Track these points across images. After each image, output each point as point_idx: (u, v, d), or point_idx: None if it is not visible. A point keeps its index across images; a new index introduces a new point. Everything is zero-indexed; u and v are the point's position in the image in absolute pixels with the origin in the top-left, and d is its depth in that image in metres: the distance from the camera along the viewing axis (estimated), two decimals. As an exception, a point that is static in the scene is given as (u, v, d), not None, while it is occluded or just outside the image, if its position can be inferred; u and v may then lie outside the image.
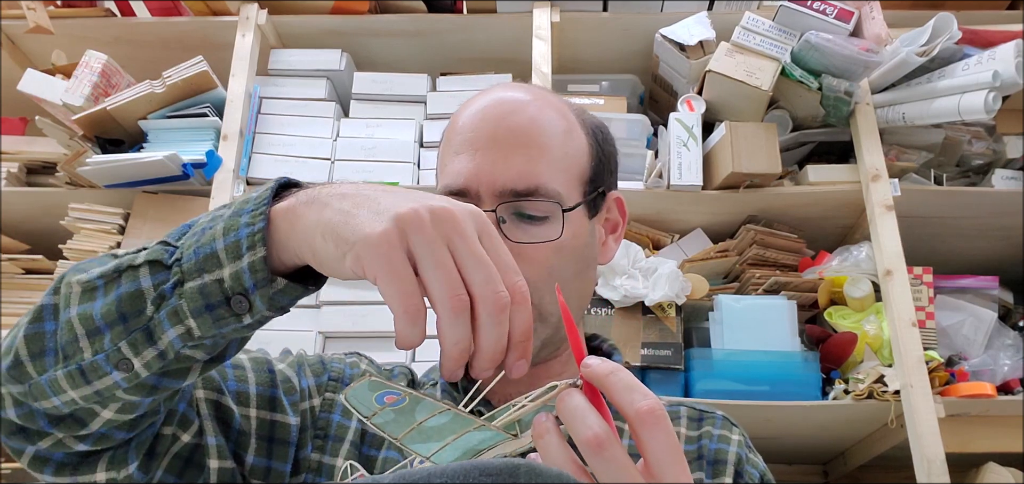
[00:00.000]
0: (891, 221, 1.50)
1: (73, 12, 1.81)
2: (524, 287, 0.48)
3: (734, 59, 1.56)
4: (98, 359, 0.53)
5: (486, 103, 0.73)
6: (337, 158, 1.65)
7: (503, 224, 0.68)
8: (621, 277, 1.48)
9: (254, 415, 0.69)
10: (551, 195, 0.68)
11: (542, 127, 0.70)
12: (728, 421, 0.76)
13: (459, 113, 0.75)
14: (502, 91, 0.74)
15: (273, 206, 0.52)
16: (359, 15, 1.77)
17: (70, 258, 1.56)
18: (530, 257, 0.67)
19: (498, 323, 0.46)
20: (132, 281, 0.53)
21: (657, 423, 0.45)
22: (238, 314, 0.51)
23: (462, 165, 0.69)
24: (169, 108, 1.65)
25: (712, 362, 1.45)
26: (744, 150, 1.52)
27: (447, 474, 0.43)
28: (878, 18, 1.55)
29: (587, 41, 1.80)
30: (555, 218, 0.69)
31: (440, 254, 0.46)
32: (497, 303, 0.46)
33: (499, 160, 0.68)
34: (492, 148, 0.69)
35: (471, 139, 0.70)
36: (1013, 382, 1.50)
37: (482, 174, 0.68)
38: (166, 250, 0.53)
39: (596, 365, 0.47)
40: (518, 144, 0.69)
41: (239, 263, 0.50)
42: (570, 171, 0.72)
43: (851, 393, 1.41)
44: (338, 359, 0.79)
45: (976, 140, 1.67)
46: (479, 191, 0.68)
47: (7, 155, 1.72)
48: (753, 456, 0.74)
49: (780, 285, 1.54)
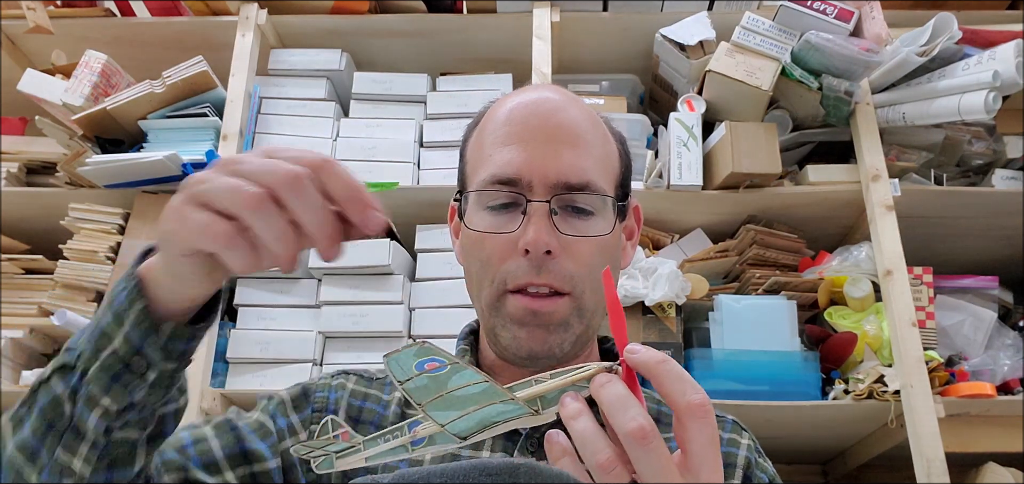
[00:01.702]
0: (891, 221, 1.50)
1: (73, 12, 1.81)
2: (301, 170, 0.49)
3: (734, 59, 1.56)
4: (43, 478, 0.55)
5: (531, 99, 0.73)
6: (337, 158, 1.65)
7: (555, 216, 0.68)
8: (621, 277, 1.49)
9: (232, 478, 0.69)
10: (600, 191, 0.70)
11: (587, 128, 0.72)
12: (738, 426, 0.77)
13: (498, 107, 0.74)
14: (541, 91, 0.74)
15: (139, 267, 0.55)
16: (359, 15, 1.77)
17: (70, 258, 1.56)
18: (576, 252, 0.68)
19: (301, 193, 0.48)
20: (47, 392, 0.56)
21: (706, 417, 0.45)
22: (140, 373, 0.54)
23: (513, 155, 0.69)
24: (169, 108, 1.65)
25: (712, 362, 1.45)
26: (744, 150, 1.52)
27: (447, 474, 0.43)
28: (878, 18, 1.55)
29: (587, 41, 1.80)
30: (601, 215, 0.70)
31: (221, 180, 0.48)
32: (287, 177, 0.47)
33: (551, 153, 0.69)
34: (544, 141, 0.69)
35: (520, 131, 0.70)
36: (1013, 382, 1.50)
37: (535, 165, 0.68)
38: (67, 353, 0.56)
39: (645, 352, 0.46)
40: (568, 140, 0.70)
41: (124, 326, 0.53)
42: (610, 173, 0.73)
43: (851, 393, 1.41)
44: (322, 386, 0.78)
45: (976, 140, 1.67)
46: (532, 181, 0.68)
47: (7, 155, 1.72)
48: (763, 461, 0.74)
49: (780, 285, 1.54)
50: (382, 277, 1.55)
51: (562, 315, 0.68)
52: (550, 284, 0.67)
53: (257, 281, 1.58)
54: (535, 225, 0.67)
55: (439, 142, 1.67)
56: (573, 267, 0.68)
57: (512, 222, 0.69)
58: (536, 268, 0.67)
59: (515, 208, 0.69)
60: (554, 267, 0.67)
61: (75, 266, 1.55)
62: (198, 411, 1.41)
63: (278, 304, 1.56)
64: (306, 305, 1.56)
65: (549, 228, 0.67)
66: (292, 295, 1.57)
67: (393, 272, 1.54)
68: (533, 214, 0.67)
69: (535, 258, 0.67)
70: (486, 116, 0.76)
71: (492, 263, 0.69)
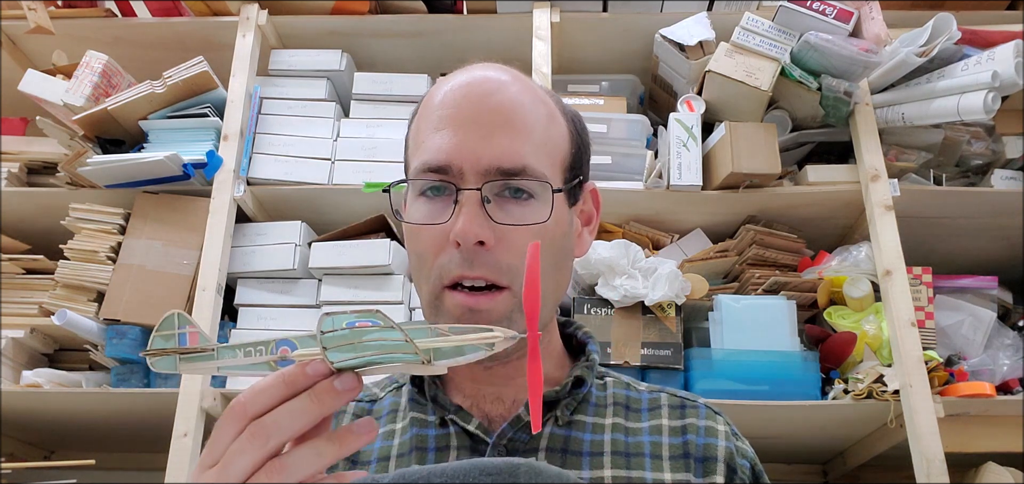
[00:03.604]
0: (890, 221, 1.51)
1: (74, 12, 1.81)
2: None
3: (734, 59, 1.56)
4: None
5: (467, 80, 0.69)
6: (337, 158, 1.66)
7: (487, 204, 0.64)
8: (621, 277, 1.49)
9: None
10: (538, 176, 0.65)
11: (526, 108, 0.67)
12: (711, 410, 0.73)
13: (436, 90, 0.71)
14: (482, 70, 0.70)
15: None
16: (359, 15, 1.78)
17: (70, 258, 1.56)
18: (512, 242, 0.64)
19: None
20: None
21: None
22: None
23: (443, 141, 0.65)
24: (170, 108, 1.65)
25: (712, 362, 1.45)
26: (744, 150, 1.52)
27: (447, 473, 0.44)
28: (877, 18, 1.55)
29: (587, 41, 1.80)
30: (540, 200, 0.66)
31: None
32: None
33: (484, 138, 0.65)
34: (476, 125, 0.65)
35: (452, 115, 0.66)
36: (1012, 382, 1.51)
37: (465, 151, 0.64)
38: None
39: None
40: (503, 123, 0.65)
41: None
42: (553, 156, 0.68)
43: (850, 393, 1.42)
44: None
45: (975, 140, 1.67)
46: (463, 168, 0.64)
47: (8, 155, 1.72)
48: (741, 444, 0.71)
49: (780, 285, 1.54)
50: (382, 277, 1.55)
51: (501, 311, 0.64)
52: (484, 277, 0.64)
53: (257, 281, 1.59)
54: (465, 215, 0.63)
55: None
56: (509, 258, 0.64)
57: (445, 212, 0.65)
58: (468, 261, 0.63)
59: (448, 197, 0.65)
60: (488, 259, 0.63)
61: (76, 266, 1.55)
62: (198, 411, 1.41)
63: (278, 304, 1.56)
64: (306, 305, 1.56)
65: (481, 217, 0.63)
66: (292, 295, 1.57)
67: (393, 272, 1.55)
68: (464, 203, 0.63)
69: (466, 250, 0.63)
70: (424, 99, 0.72)
71: (427, 257, 0.66)
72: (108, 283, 1.53)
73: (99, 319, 1.52)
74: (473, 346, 0.47)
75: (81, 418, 1.63)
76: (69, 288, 1.55)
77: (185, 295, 1.52)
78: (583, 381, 0.71)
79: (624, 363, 1.45)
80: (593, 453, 0.67)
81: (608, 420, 0.70)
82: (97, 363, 1.58)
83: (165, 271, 1.54)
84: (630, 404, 0.73)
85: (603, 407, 0.72)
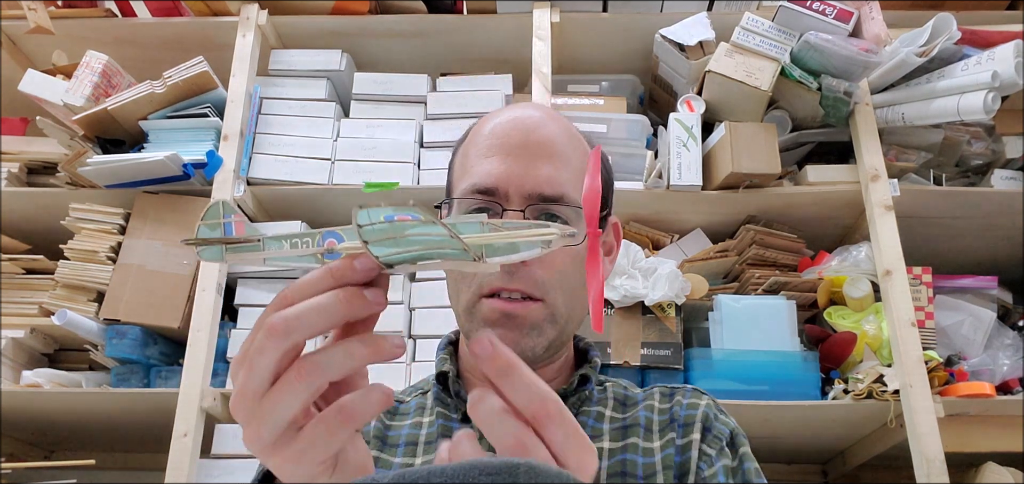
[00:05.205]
0: (890, 221, 1.51)
1: (74, 12, 1.81)
2: None
3: (734, 59, 1.56)
4: None
5: (513, 116, 0.77)
6: (337, 158, 1.66)
7: None
8: (621, 277, 1.49)
9: None
10: (574, 203, 0.73)
11: (565, 144, 0.76)
12: (698, 391, 0.80)
13: (483, 123, 0.79)
14: (525, 109, 0.79)
15: None
16: (359, 16, 1.78)
17: (70, 258, 1.56)
18: (548, 261, 0.70)
19: None
20: None
21: (553, 419, 0.45)
22: None
23: (493, 167, 0.73)
24: (170, 108, 1.65)
25: (712, 362, 1.45)
26: (744, 150, 1.52)
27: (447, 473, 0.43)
28: (877, 18, 1.55)
29: (587, 41, 1.80)
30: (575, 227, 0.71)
31: None
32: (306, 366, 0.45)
33: (528, 167, 0.73)
34: (522, 155, 0.73)
35: (500, 144, 0.74)
36: (1012, 382, 1.50)
37: (512, 177, 0.72)
38: None
39: (497, 354, 0.44)
40: (546, 154, 0.74)
41: None
42: None
43: (850, 393, 1.42)
44: None
45: (975, 140, 1.67)
46: (509, 192, 0.72)
47: (8, 155, 1.72)
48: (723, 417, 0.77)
49: (780, 285, 1.54)
50: (382, 277, 1.55)
51: (534, 319, 0.71)
52: (522, 289, 0.71)
53: (257, 281, 1.59)
54: None
55: (439, 142, 1.67)
56: (545, 274, 0.71)
57: None
58: (509, 274, 0.70)
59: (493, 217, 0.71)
60: (526, 274, 0.71)
61: (76, 266, 1.55)
62: (198, 411, 1.41)
63: (278, 304, 1.56)
64: (306, 305, 1.56)
65: None
66: (292, 295, 1.57)
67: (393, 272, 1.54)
68: None
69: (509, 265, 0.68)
70: (472, 131, 0.80)
71: None
72: (108, 283, 1.53)
73: (99, 319, 1.52)
74: (528, 242, 0.46)
75: (81, 418, 1.63)
76: (69, 288, 1.55)
77: (185, 295, 1.53)
78: (588, 379, 0.79)
79: (624, 363, 1.45)
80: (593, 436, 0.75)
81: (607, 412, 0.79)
82: (97, 363, 1.58)
83: (165, 271, 1.54)
84: (627, 401, 0.81)
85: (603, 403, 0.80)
